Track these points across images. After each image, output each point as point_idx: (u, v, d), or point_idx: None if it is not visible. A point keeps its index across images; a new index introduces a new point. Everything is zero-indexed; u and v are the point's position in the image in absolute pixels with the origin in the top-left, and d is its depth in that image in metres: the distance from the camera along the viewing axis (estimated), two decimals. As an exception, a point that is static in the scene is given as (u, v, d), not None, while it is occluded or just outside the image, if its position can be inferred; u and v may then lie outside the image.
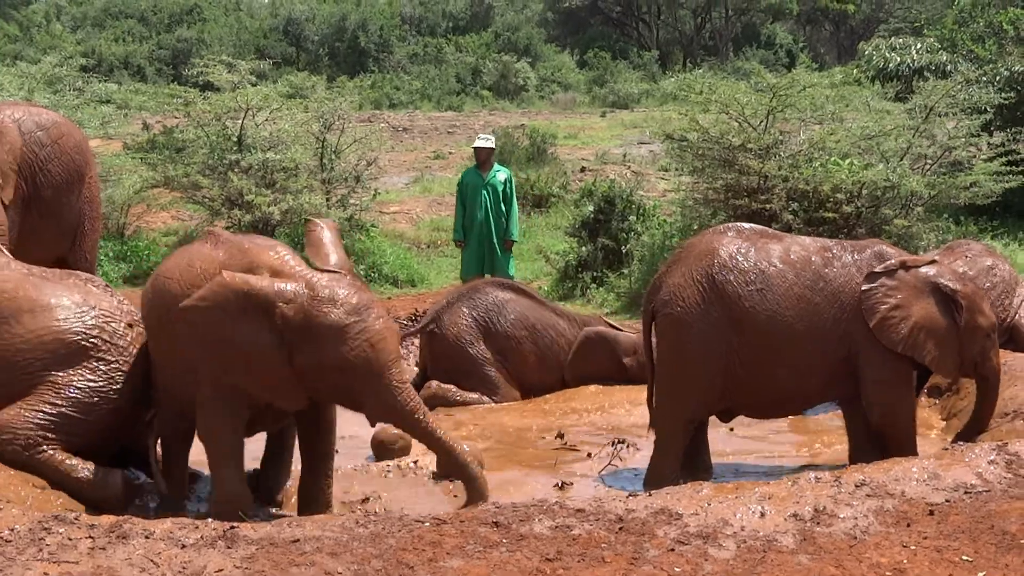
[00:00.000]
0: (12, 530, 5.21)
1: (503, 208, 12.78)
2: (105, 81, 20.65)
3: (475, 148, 13.21)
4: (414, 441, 7.32)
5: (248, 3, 64.20)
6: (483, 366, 9.89)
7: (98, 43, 49.24)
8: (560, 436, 8.44)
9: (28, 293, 6.70)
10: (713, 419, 7.80)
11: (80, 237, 9.37)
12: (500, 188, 12.78)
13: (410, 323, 11.48)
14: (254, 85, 16.62)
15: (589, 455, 8.15)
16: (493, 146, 13.35)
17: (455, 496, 6.95)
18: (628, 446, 8.03)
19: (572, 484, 7.50)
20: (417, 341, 10.53)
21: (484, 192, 12.78)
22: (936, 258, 7.92)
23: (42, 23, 54.04)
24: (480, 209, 12.80)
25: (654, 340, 7.47)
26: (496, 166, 13.01)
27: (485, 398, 9.73)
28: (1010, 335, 9.43)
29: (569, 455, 8.19)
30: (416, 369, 10.30)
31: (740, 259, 7.15)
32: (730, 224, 7.76)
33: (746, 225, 7.65)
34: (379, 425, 6.83)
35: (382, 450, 8.01)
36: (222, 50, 38.73)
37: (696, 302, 7.07)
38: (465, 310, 10.04)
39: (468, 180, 13.00)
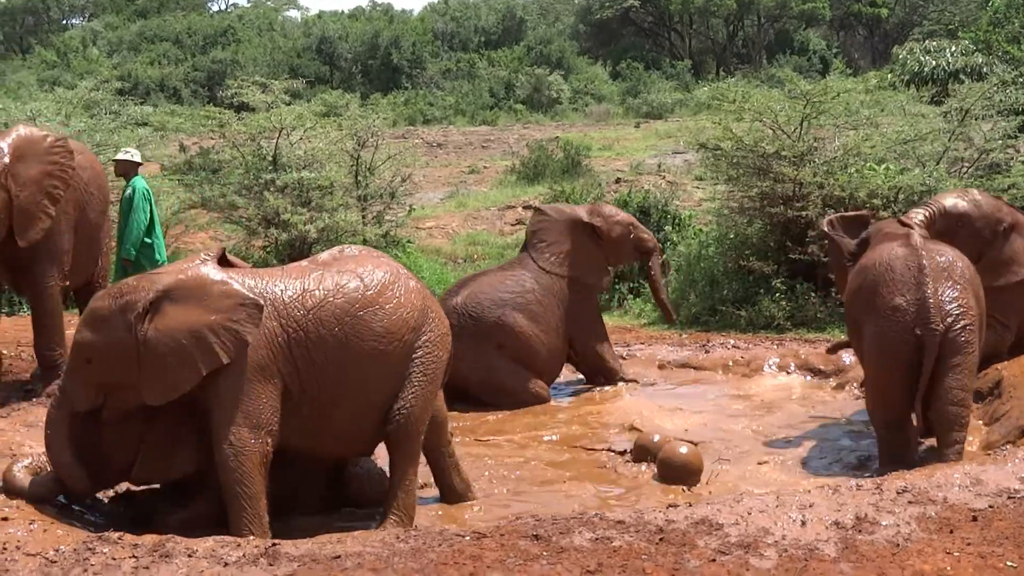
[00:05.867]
0: (57, 550, 5.27)
1: (124, 223, 10.94)
2: (141, 104, 20.74)
3: None
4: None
5: (281, 23, 64.67)
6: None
7: (134, 66, 49.68)
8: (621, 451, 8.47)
9: None
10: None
11: (103, 258, 9.57)
12: (123, 203, 11.08)
13: None
14: (288, 104, 16.73)
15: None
16: (124, 158, 11.14)
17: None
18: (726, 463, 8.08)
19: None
20: None
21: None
22: None
23: (79, 48, 54.58)
24: None
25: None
26: (134, 179, 11.01)
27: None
28: None
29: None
30: None
31: (964, 260, 7.99)
32: (908, 227, 8.19)
33: (917, 232, 8.18)
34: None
35: (641, 452, 8.16)
36: (256, 70, 39.04)
37: (975, 306, 7.79)
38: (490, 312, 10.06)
39: None
